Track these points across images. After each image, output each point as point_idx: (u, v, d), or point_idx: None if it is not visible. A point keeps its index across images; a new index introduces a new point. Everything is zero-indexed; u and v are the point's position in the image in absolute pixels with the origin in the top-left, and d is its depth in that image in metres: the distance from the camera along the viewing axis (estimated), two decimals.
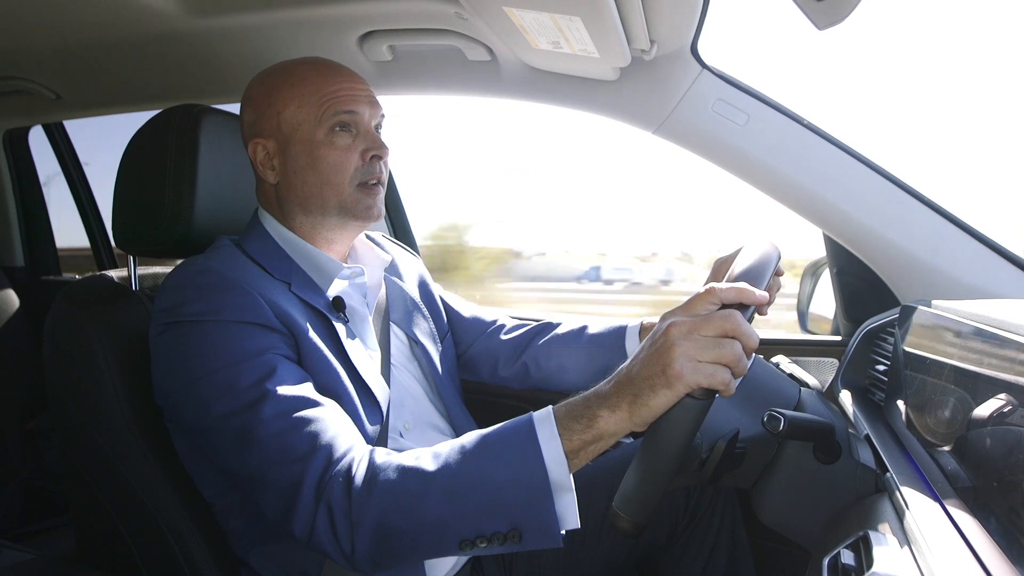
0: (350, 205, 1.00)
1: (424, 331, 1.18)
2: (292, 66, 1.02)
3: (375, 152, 1.00)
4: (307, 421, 0.80)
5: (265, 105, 1.00)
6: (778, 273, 0.89)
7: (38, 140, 2.34)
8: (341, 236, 1.05)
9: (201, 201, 1.04)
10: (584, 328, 1.22)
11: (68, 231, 2.45)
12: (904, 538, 0.66)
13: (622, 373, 0.71)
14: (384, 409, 0.99)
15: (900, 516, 0.71)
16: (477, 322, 1.33)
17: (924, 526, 0.64)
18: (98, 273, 1.13)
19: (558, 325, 1.26)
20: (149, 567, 0.99)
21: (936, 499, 0.70)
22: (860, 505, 0.83)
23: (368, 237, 1.20)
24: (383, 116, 1.04)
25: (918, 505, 0.69)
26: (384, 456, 0.78)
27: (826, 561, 0.66)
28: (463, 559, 1.06)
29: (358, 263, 1.11)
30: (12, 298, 2.17)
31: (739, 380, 0.68)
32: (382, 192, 1.04)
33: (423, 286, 1.26)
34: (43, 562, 0.97)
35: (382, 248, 1.19)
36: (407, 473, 0.75)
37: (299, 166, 0.99)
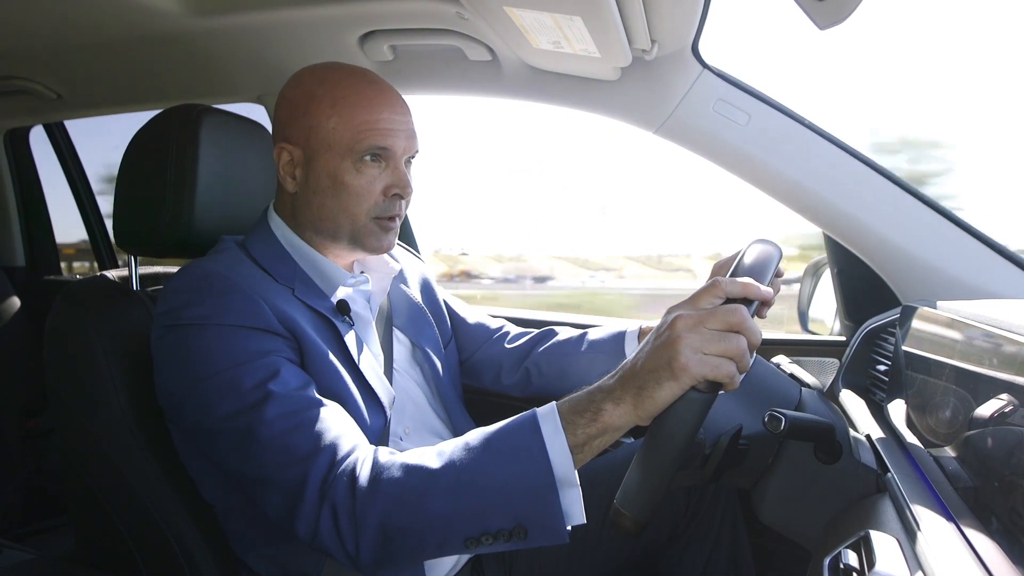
0: (362, 237, 0.99)
1: (427, 336, 1.17)
2: (338, 78, 0.96)
3: (398, 191, 0.98)
4: (310, 421, 0.80)
5: (301, 112, 0.96)
6: (778, 274, 0.89)
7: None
8: (349, 254, 1.05)
9: (202, 201, 1.03)
10: (584, 335, 1.23)
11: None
12: (905, 538, 0.66)
13: (626, 367, 0.71)
14: (389, 411, 0.99)
15: (901, 516, 0.71)
16: (481, 329, 1.32)
17: (925, 526, 0.64)
18: (99, 273, 1.13)
19: (559, 332, 1.27)
20: (149, 567, 0.98)
21: (937, 499, 0.70)
22: (861, 505, 0.83)
23: None
24: (417, 151, 1.01)
25: (919, 505, 0.69)
26: (388, 455, 0.78)
27: (827, 561, 0.66)
28: (463, 558, 1.06)
29: (366, 269, 1.10)
30: (12, 298, 2.17)
31: (742, 376, 0.68)
32: (396, 227, 1.02)
33: (428, 291, 1.26)
34: (43, 562, 0.97)
35: (390, 255, 1.18)
36: (411, 471, 0.74)
37: (320, 186, 0.96)
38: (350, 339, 0.97)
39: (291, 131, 0.98)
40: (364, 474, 0.76)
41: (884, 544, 0.64)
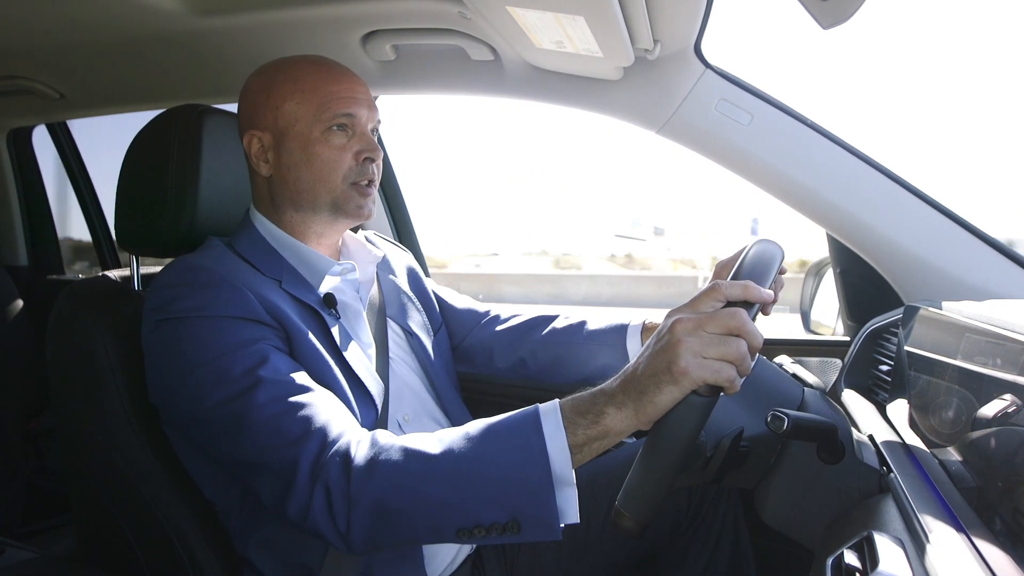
0: (342, 202, 1.01)
1: (418, 324, 1.19)
2: (294, 62, 1.02)
3: (368, 154, 1.01)
4: (300, 405, 0.81)
5: (264, 98, 1.00)
6: (780, 271, 0.89)
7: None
8: (330, 231, 1.06)
9: (203, 201, 1.04)
10: (583, 323, 1.22)
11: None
12: (908, 539, 0.66)
13: (628, 371, 0.71)
14: (378, 404, 0.99)
15: (904, 516, 0.71)
16: (471, 314, 1.33)
17: (928, 526, 0.64)
18: (101, 273, 1.14)
19: (555, 318, 1.26)
20: (151, 566, 0.99)
21: (940, 499, 0.70)
22: (864, 505, 0.83)
23: (364, 238, 1.20)
24: (379, 121, 1.05)
25: (922, 505, 0.69)
26: (387, 437, 0.79)
27: (829, 561, 0.66)
28: (463, 556, 1.07)
29: (350, 259, 1.11)
30: (15, 297, 2.17)
31: (743, 379, 0.68)
32: (373, 192, 1.04)
33: (414, 280, 1.27)
34: (45, 561, 0.97)
35: (373, 244, 1.19)
36: (410, 455, 0.75)
37: (293, 161, 0.99)
38: (337, 331, 0.98)
39: (257, 118, 1.01)
40: (361, 455, 0.76)
41: (886, 545, 0.64)
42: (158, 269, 1.20)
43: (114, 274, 1.13)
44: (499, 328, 1.29)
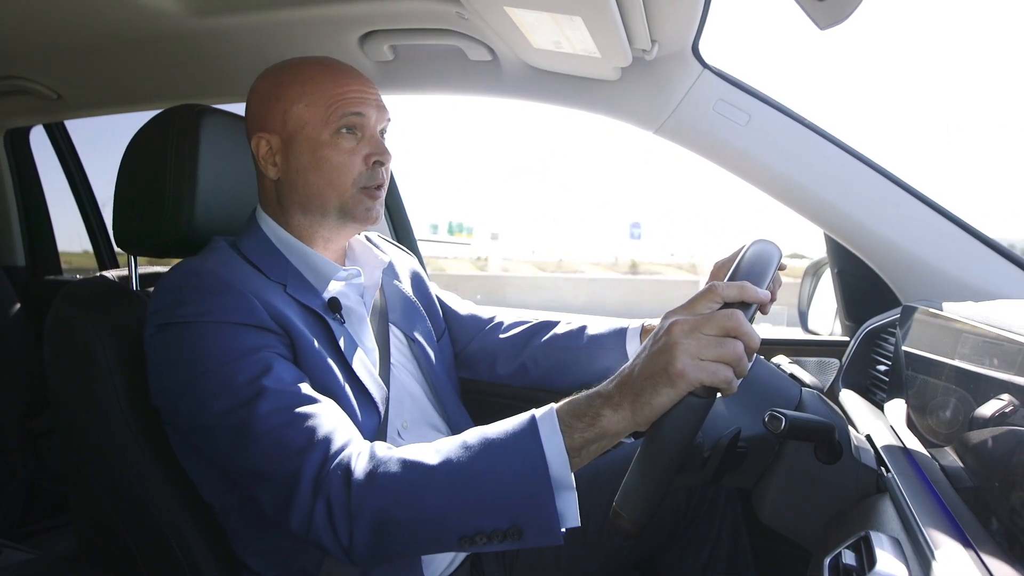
0: (351, 207, 1.01)
1: (421, 330, 1.18)
2: (303, 64, 1.01)
3: (378, 158, 1.00)
4: (304, 416, 0.81)
5: (272, 100, 0.99)
6: (780, 268, 0.89)
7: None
8: (338, 235, 1.05)
9: (201, 201, 1.04)
10: (584, 328, 1.22)
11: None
12: (905, 538, 0.66)
13: (624, 372, 0.71)
14: (381, 409, 0.99)
15: (901, 516, 0.71)
16: (474, 320, 1.33)
17: (925, 526, 0.64)
18: (99, 273, 1.13)
19: (557, 324, 1.26)
20: (150, 567, 0.99)
21: (937, 499, 0.70)
22: (861, 505, 0.83)
23: (366, 237, 1.20)
24: (389, 121, 1.04)
25: (919, 506, 0.69)
26: (385, 449, 0.78)
27: (827, 561, 0.66)
28: (461, 557, 1.07)
29: (356, 264, 1.11)
30: (13, 298, 2.17)
31: (740, 380, 0.68)
32: (382, 196, 1.04)
33: (419, 284, 1.27)
34: (44, 562, 0.97)
35: (379, 249, 1.19)
36: (408, 466, 0.75)
37: (302, 164, 0.99)
38: (342, 336, 0.98)
39: (265, 120, 1.00)
40: (360, 467, 0.76)
41: (884, 544, 0.64)
42: (156, 269, 1.21)
43: (112, 274, 1.13)
44: (502, 335, 1.29)
